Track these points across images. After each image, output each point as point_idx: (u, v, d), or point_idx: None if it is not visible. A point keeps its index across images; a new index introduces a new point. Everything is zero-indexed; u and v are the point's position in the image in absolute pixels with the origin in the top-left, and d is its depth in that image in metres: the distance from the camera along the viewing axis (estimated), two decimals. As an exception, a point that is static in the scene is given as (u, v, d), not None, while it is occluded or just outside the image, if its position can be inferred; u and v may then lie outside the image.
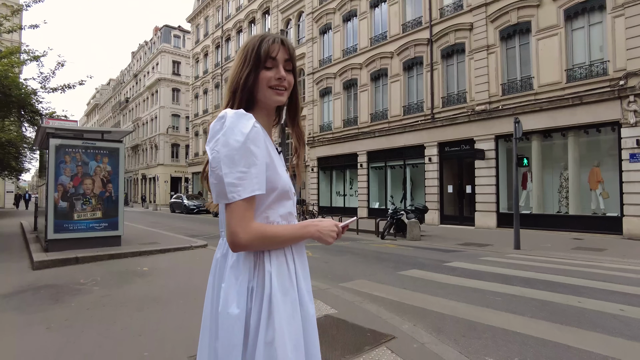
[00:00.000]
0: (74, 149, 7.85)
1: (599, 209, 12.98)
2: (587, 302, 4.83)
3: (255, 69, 1.19)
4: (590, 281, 6.06)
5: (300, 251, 1.27)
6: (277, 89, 1.21)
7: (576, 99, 12.90)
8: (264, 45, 1.19)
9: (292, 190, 1.25)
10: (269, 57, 1.19)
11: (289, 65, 1.22)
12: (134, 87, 57.91)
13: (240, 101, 1.21)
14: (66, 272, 6.39)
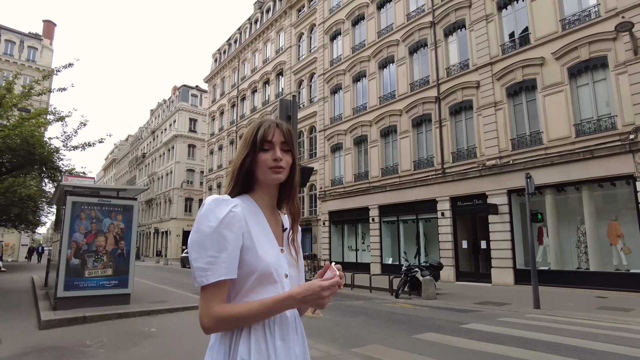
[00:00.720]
0: (90, 206, 8.01)
1: (621, 265, 12.51)
2: (616, 371, 4.53)
3: (252, 152, 1.25)
4: (619, 347, 5.71)
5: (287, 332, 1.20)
6: (275, 169, 1.25)
7: (587, 153, 12.91)
8: (261, 130, 1.26)
9: (278, 272, 1.21)
10: (265, 140, 1.25)
11: (285, 147, 1.28)
12: (151, 143, 59.88)
13: (237, 182, 1.27)
14: (72, 333, 6.28)
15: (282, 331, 1.19)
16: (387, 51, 21.23)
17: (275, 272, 1.20)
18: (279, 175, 1.24)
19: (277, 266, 1.22)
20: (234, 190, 1.26)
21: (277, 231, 1.29)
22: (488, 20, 16.51)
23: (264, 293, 1.18)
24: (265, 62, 33.61)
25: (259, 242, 1.20)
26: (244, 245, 1.17)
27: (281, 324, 1.19)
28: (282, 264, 1.24)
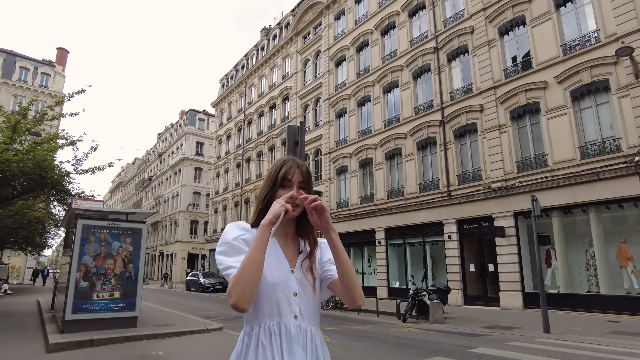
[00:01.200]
0: (99, 229, 8.14)
1: (632, 288, 12.33)
2: (628, 396, 4.47)
3: (272, 187, 1.40)
4: (630, 371, 5.63)
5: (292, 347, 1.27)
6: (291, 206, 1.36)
7: (593, 174, 12.93)
8: (283, 169, 1.41)
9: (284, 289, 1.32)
10: (285, 178, 1.39)
11: (303, 185, 1.41)
12: (158, 166, 60.50)
13: (260, 213, 1.43)
14: (80, 356, 6.29)
15: (289, 343, 1.28)
16: (391, 76, 21.63)
17: (283, 288, 1.32)
18: (292, 213, 1.35)
19: (282, 283, 1.32)
20: (257, 221, 1.38)
21: (291, 256, 1.39)
22: (490, 46, 16.86)
23: (275, 307, 1.30)
24: (272, 87, 34.26)
25: (267, 265, 1.30)
26: None
27: (287, 339, 1.28)
28: (290, 282, 1.33)
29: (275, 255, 1.36)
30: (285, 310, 1.31)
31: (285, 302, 1.31)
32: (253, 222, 1.43)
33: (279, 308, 1.30)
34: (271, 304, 1.30)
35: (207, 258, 42.22)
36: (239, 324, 10.80)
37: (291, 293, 1.32)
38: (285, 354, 1.26)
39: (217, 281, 29.12)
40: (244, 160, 36.81)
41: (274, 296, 1.30)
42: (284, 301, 1.31)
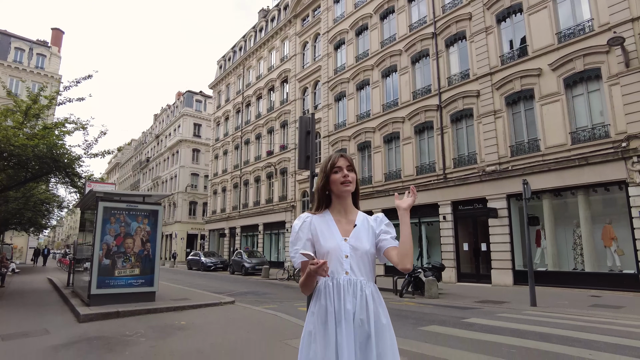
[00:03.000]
0: (119, 211, 8.69)
1: (615, 266, 13.14)
2: (599, 355, 5.17)
3: (327, 176, 1.94)
4: (604, 336, 6.35)
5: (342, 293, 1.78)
6: (345, 183, 1.92)
7: (582, 159, 13.56)
8: (331, 161, 1.98)
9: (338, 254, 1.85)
10: (334, 166, 1.94)
11: (350, 168, 1.96)
12: (155, 148, 60.64)
13: (321, 200, 1.99)
14: (110, 326, 6.92)
15: (338, 290, 1.81)
16: (390, 60, 21.96)
17: (334, 253, 1.86)
18: (349, 188, 1.92)
19: (337, 250, 1.87)
20: (320, 207, 1.96)
21: (345, 228, 1.93)
22: (488, 32, 17.23)
23: (332, 265, 1.84)
24: (270, 70, 34.38)
25: (322, 236, 1.90)
26: (312, 238, 1.91)
27: (337, 287, 1.82)
28: (342, 248, 1.87)
29: (328, 228, 1.91)
30: (338, 268, 1.84)
31: (337, 262, 1.85)
32: (316, 209, 1.99)
33: (332, 267, 1.84)
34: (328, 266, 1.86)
35: (206, 238, 42.98)
36: (247, 298, 11.51)
37: (343, 256, 1.86)
38: (336, 299, 1.80)
39: (218, 260, 29.93)
40: (242, 142, 37.17)
41: (329, 259, 1.85)
42: (336, 262, 1.85)
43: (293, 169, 29.51)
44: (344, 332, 1.71)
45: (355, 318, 1.75)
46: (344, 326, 1.73)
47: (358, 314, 1.76)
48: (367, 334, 1.73)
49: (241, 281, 19.52)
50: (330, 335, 1.74)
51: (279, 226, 30.67)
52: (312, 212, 1.99)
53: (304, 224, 1.94)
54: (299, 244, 1.89)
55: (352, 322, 1.74)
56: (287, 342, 5.71)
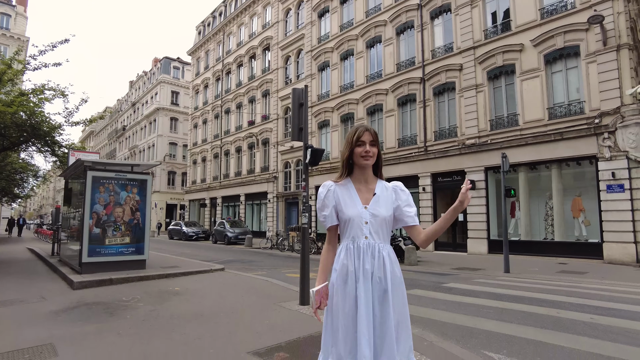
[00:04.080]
0: (108, 180, 8.70)
1: (581, 236, 14.00)
2: (564, 313, 5.72)
3: (351, 147, 2.14)
4: (569, 297, 6.96)
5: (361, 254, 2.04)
6: (365, 157, 2.13)
7: (557, 134, 14.13)
8: (357, 133, 2.15)
9: (358, 221, 2.09)
10: (359, 140, 2.14)
11: (373, 143, 2.15)
12: (132, 116, 59.01)
13: (344, 169, 2.19)
14: (105, 292, 7.11)
15: (358, 253, 2.06)
16: (374, 31, 21.82)
17: (354, 219, 2.10)
18: (367, 162, 2.13)
19: (357, 216, 2.10)
20: (343, 175, 2.16)
21: (365, 196, 2.15)
22: (472, 5, 17.30)
23: (352, 231, 2.09)
24: (252, 37, 33.57)
25: (344, 204, 2.12)
26: (336, 206, 2.14)
27: (358, 249, 2.07)
28: (362, 215, 2.10)
29: (350, 197, 2.12)
30: (358, 233, 2.09)
31: (358, 228, 2.09)
32: (340, 177, 2.20)
33: (353, 232, 2.10)
34: (349, 230, 2.11)
35: (186, 208, 42.85)
36: (234, 265, 11.81)
37: (363, 222, 2.10)
38: (356, 259, 2.06)
39: (200, 230, 30.10)
40: (222, 111, 36.63)
41: (350, 224, 2.10)
42: (356, 227, 2.09)
43: (275, 140, 29.47)
44: (362, 287, 1.98)
45: (374, 276, 2.01)
46: (362, 282, 1.99)
47: (376, 272, 2.02)
48: (384, 289, 2.00)
49: (225, 250, 19.82)
50: (350, 290, 2.00)
51: (261, 197, 30.85)
52: (335, 181, 2.20)
53: (329, 192, 2.16)
54: (326, 211, 2.14)
55: (371, 279, 2.01)
56: (282, 305, 6.05)
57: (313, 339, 4.31)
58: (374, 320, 1.97)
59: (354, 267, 2.04)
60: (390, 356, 1.92)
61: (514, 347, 4.25)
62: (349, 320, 1.98)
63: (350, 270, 2.03)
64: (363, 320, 1.94)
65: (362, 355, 1.89)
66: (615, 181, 12.77)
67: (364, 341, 1.91)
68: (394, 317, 1.97)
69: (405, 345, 2.00)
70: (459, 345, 4.21)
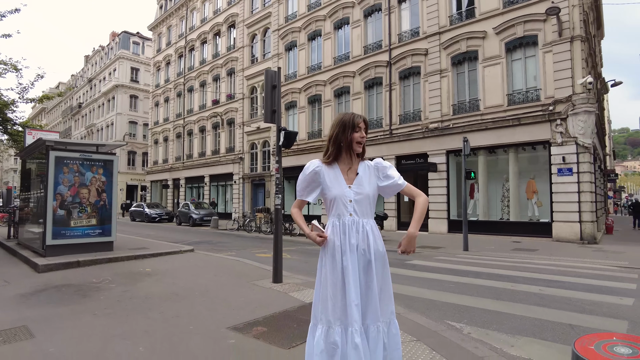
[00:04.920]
0: (72, 160, 8.44)
1: (534, 216, 14.97)
2: (518, 286, 6.26)
3: (345, 132, 2.30)
4: (522, 272, 7.57)
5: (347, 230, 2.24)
6: (360, 143, 2.31)
7: (515, 120, 14.87)
8: (355, 120, 2.32)
9: (342, 199, 2.27)
10: (357, 126, 2.32)
11: (366, 130, 2.35)
12: (88, 92, 56.17)
13: (332, 152, 2.35)
14: (74, 274, 7.01)
15: (344, 229, 2.26)
16: (342, 12, 21.78)
17: (339, 198, 2.28)
18: (361, 147, 2.31)
19: (341, 195, 2.28)
20: (330, 158, 2.32)
21: (350, 176, 2.32)
22: (439, -9, 17.60)
23: (337, 209, 2.28)
24: (216, 13, 32.56)
25: (330, 184, 2.31)
26: (322, 185, 2.33)
27: (343, 225, 2.26)
28: (347, 194, 2.28)
29: (335, 177, 2.30)
30: (343, 211, 2.28)
31: (343, 206, 2.28)
32: (328, 158, 2.34)
33: (339, 210, 2.29)
34: (334, 208, 2.29)
35: (148, 189, 41.76)
36: (203, 247, 11.82)
37: (347, 200, 2.28)
38: (342, 234, 2.25)
39: (163, 211, 29.51)
40: (185, 89, 35.60)
41: (335, 203, 2.29)
42: (341, 206, 2.28)
43: (241, 120, 29.09)
44: (348, 259, 2.19)
45: (359, 249, 2.22)
46: (348, 255, 2.20)
47: (361, 245, 2.23)
48: (368, 260, 2.22)
49: (191, 232, 19.66)
50: (337, 262, 2.21)
51: (227, 178, 30.55)
52: (322, 161, 2.36)
53: (315, 169, 2.33)
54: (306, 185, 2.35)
55: (356, 251, 2.21)
56: (255, 283, 6.23)
57: (288, 314, 4.53)
58: (360, 287, 2.18)
59: (340, 242, 2.23)
60: (374, 318, 2.17)
61: (474, 316, 4.66)
62: (337, 290, 2.19)
63: (337, 245, 2.23)
64: (352, 289, 2.15)
65: (354, 320, 2.11)
66: (565, 165, 13.67)
67: (354, 307, 2.12)
68: (377, 284, 2.19)
69: (387, 309, 2.24)
70: (424, 316, 4.56)
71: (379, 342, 2.16)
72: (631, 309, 5.12)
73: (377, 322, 2.18)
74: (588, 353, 1.53)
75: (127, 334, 3.95)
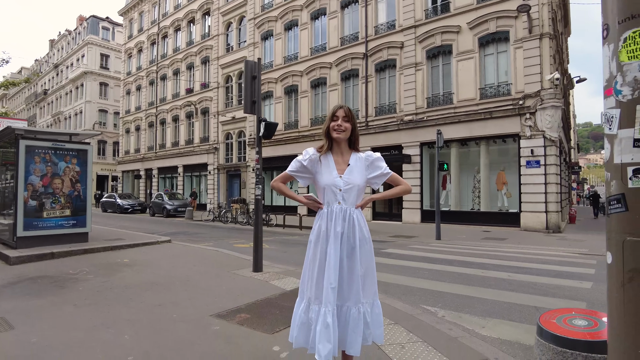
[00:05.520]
0: (44, 150, 8.22)
1: (503, 207, 15.57)
2: (488, 273, 6.59)
3: (329, 122, 2.43)
4: (492, 260, 7.94)
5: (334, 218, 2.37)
6: (337, 131, 2.43)
7: (487, 113, 15.34)
8: (332, 110, 2.47)
9: (332, 187, 2.40)
10: (334, 115, 2.44)
11: (346, 119, 2.44)
12: (54, 79, 53.99)
13: (326, 140, 2.49)
14: (48, 266, 6.89)
15: (331, 216, 2.39)
16: (319, 3, 21.74)
17: (329, 186, 2.41)
18: (339, 135, 2.43)
19: (331, 184, 2.41)
20: (324, 148, 2.45)
21: (341, 167, 2.46)
22: (415, -15, 17.82)
23: (327, 197, 2.42)
24: (190, 0, 31.81)
25: (322, 172, 2.44)
26: (315, 173, 2.46)
27: (331, 213, 2.40)
28: (337, 183, 2.40)
29: (327, 167, 2.43)
30: (332, 199, 2.41)
31: (332, 194, 2.41)
32: (322, 148, 2.47)
33: (328, 198, 2.42)
34: (325, 196, 2.42)
35: (119, 179, 40.75)
36: (179, 237, 11.76)
37: (337, 189, 2.41)
38: (329, 221, 2.38)
39: (136, 202, 28.93)
40: (158, 78, 34.76)
41: (325, 191, 2.41)
42: (330, 194, 2.41)
43: (216, 109, 28.72)
44: (332, 245, 2.33)
45: (344, 236, 2.36)
46: (332, 241, 2.34)
47: (346, 233, 2.37)
48: (352, 246, 2.37)
49: (166, 223, 19.42)
50: (322, 245, 2.37)
51: (201, 168, 30.19)
52: (318, 150, 2.49)
53: (311, 156, 2.46)
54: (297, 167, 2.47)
55: (340, 238, 2.35)
56: (235, 272, 6.31)
57: (270, 301, 4.66)
58: (342, 271, 2.34)
59: (326, 228, 2.37)
60: (356, 300, 2.34)
61: (447, 301, 4.92)
62: (318, 272, 2.35)
63: (323, 231, 2.37)
64: (331, 273, 2.30)
65: (328, 301, 2.28)
66: (533, 157, 14.26)
67: (330, 290, 2.28)
68: (360, 269, 2.35)
69: (370, 290, 2.41)
70: (401, 301, 4.78)
71: (360, 321, 2.34)
72: (589, 292, 5.51)
73: (358, 304, 2.35)
74: (550, 325, 1.72)
75: (111, 324, 3.98)
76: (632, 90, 1.18)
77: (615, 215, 1.22)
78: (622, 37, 1.19)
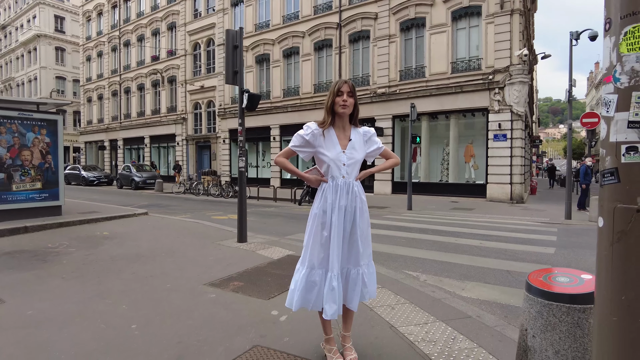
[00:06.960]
0: (10, 120, 7.84)
1: (471, 178, 16.24)
2: (461, 240, 7.02)
3: (333, 97, 2.52)
4: (462, 228, 8.41)
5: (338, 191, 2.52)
6: (342, 106, 2.53)
7: (458, 87, 15.71)
8: (337, 85, 2.53)
9: (336, 162, 2.52)
10: (339, 90, 2.52)
11: (350, 94, 2.54)
12: (2, 41, 50.21)
13: (329, 115, 2.55)
14: (23, 240, 6.73)
15: (336, 190, 2.54)
16: (292, -31, 21.11)
17: (334, 161, 2.54)
18: (344, 110, 2.53)
19: (335, 159, 2.54)
20: (326, 122, 2.53)
21: (343, 142, 2.57)
22: (390, -46, 17.59)
23: (332, 171, 2.54)
24: (154, -40, 30.05)
25: (325, 147, 2.54)
26: (316, 148, 2.54)
27: (336, 186, 2.55)
28: (340, 157, 2.53)
29: (331, 142, 2.53)
30: (336, 173, 2.54)
31: (336, 169, 2.53)
32: (324, 123, 2.55)
33: (333, 172, 2.54)
34: (329, 170, 2.55)
35: (82, 151, 39.12)
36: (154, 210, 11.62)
37: (341, 164, 2.54)
38: (333, 194, 2.53)
39: (102, 174, 28.03)
40: (121, 43, 33.07)
41: (331, 166, 2.53)
42: (335, 168, 2.53)
43: (183, 78, 27.82)
44: (336, 216, 2.50)
45: (347, 208, 2.53)
46: (337, 212, 2.50)
47: (350, 205, 2.53)
48: (353, 216, 2.55)
49: (136, 195, 19.04)
50: (327, 217, 2.52)
51: (169, 139, 29.45)
52: (319, 125, 2.56)
53: (314, 131, 2.54)
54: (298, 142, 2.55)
55: (344, 210, 2.51)
56: (220, 243, 6.41)
57: (260, 270, 4.82)
58: (344, 239, 2.53)
59: (331, 200, 2.52)
60: (356, 261, 2.57)
61: (427, 266, 5.26)
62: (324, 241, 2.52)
63: (329, 203, 2.51)
64: (335, 242, 2.48)
65: (333, 267, 2.47)
66: (500, 131, 14.84)
67: (335, 257, 2.47)
68: (360, 235, 2.55)
69: (366, 253, 2.62)
70: (385, 267, 5.06)
71: (358, 280, 2.58)
72: (553, 256, 6.02)
73: (357, 266, 2.58)
74: (537, 282, 1.97)
75: (105, 294, 4.03)
76: (629, 78, 1.36)
77: (607, 186, 1.42)
78: (623, 31, 1.36)
